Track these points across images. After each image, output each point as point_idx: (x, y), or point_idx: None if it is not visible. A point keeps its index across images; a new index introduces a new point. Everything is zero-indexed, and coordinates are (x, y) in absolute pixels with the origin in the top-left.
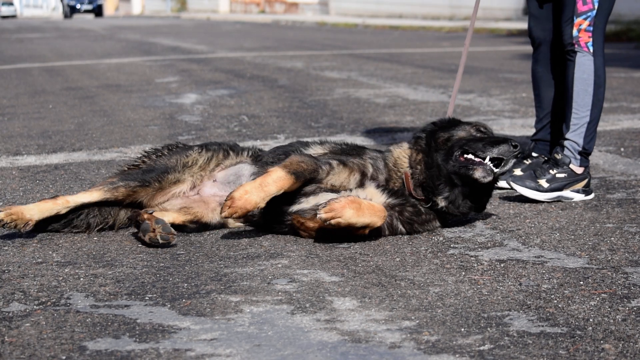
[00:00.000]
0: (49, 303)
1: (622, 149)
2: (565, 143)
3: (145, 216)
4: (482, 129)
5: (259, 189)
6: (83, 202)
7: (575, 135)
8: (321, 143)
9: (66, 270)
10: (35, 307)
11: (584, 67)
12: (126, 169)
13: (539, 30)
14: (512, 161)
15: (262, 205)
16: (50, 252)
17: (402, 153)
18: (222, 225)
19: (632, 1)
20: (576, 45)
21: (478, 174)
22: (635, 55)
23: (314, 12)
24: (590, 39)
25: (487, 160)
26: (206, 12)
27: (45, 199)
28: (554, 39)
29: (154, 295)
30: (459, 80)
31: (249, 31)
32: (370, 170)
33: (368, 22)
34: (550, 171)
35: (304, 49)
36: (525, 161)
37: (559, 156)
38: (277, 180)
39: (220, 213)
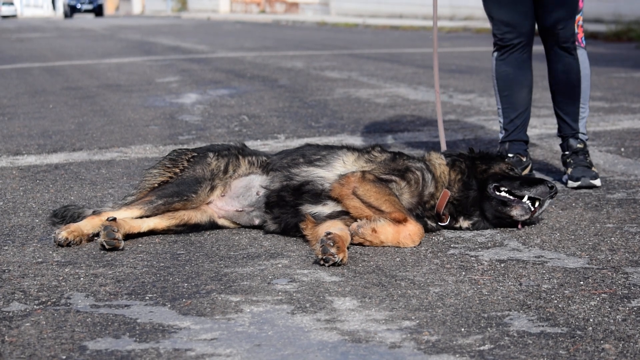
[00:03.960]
0: (49, 303)
1: (622, 149)
2: (580, 136)
3: (104, 223)
4: (515, 169)
5: (395, 244)
6: (125, 218)
7: (582, 127)
8: (350, 150)
9: (66, 270)
10: (35, 306)
11: (585, 64)
12: (156, 185)
13: (513, 36)
14: (548, 201)
15: None
16: (51, 252)
17: (443, 169)
18: (212, 224)
19: (632, 1)
20: (576, 42)
21: (515, 212)
22: (635, 55)
23: (314, 12)
24: (583, 33)
25: (525, 199)
26: (206, 11)
27: (92, 215)
28: (527, 38)
29: (154, 295)
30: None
31: (250, 31)
32: (424, 194)
33: (368, 22)
34: (588, 157)
35: (305, 49)
36: None
37: (581, 145)
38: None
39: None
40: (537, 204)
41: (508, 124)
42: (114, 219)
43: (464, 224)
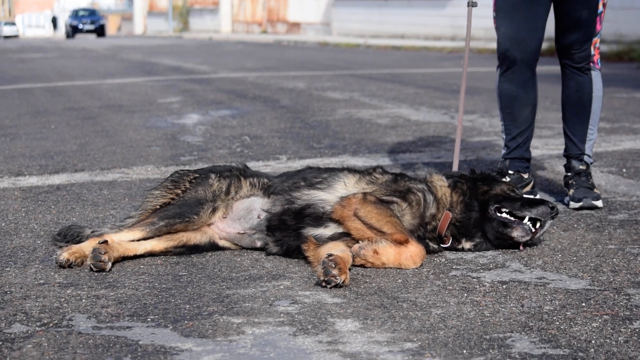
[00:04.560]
0: (51, 324)
1: (624, 170)
2: (585, 158)
3: (95, 245)
4: (516, 190)
5: (397, 266)
6: (127, 241)
7: (588, 149)
8: (351, 172)
9: (68, 291)
10: (37, 328)
11: (598, 85)
12: (158, 207)
13: (517, 52)
14: (550, 222)
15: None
16: (52, 274)
17: (445, 190)
18: (212, 245)
19: (634, 22)
20: (591, 63)
21: (516, 233)
22: (637, 75)
23: (316, 32)
24: (599, 55)
25: (526, 220)
26: (208, 32)
27: (94, 237)
28: (533, 56)
29: (156, 316)
30: (460, 129)
31: (251, 51)
32: (426, 215)
33: (370, 42)
34: (590, 179)
35: (306, 69)
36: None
37: (584, 167)
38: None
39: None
40: (538, 224)
41: (510, 140)
42: (106, 242)
43: (466, 245)
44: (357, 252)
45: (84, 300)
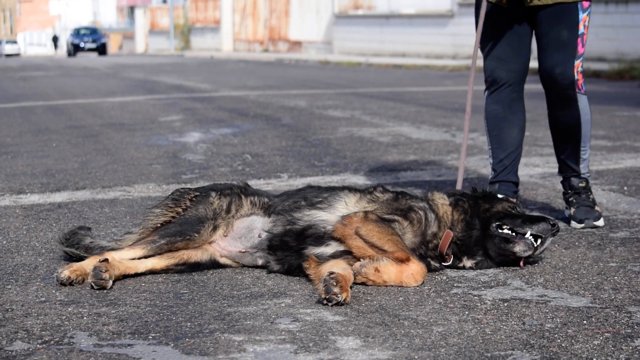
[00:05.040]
0: (52, 342)
1: (625, 188)
2: (583, 176)
3: (96, 264)
4: (517, 207)
5: (398, 284)
6: (127, 259)
7: (583, 168)
8: (352, 190)
9: (69, 309)
10: (38, 346)
11: (585, 109)
12: (159, 225)
13: (503, 72)
14: (550, 239)
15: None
16: (54, 291)
17: (446, 209)
18: (213, 263)
19: (635, 40)
20: (576, 88)
21: (519, 248)
22: (638, 94)
23: (317, 51)
24: (583, 79)
25: (527, 235)
26: (210, 50)
27: (95, 255)
28: (519, 77)
29: (157, 334)
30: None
31: (253, 70)
32: (427, 233)
33: (371, 60)
34: (591, 195)
35: (308, 88)
36: None
37: (583, 184)
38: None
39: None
40: (539, 241)
41: (497, 164)
42: (106, 260)
43: (467, 263)
44: (359, 270)
45: (85, 317)
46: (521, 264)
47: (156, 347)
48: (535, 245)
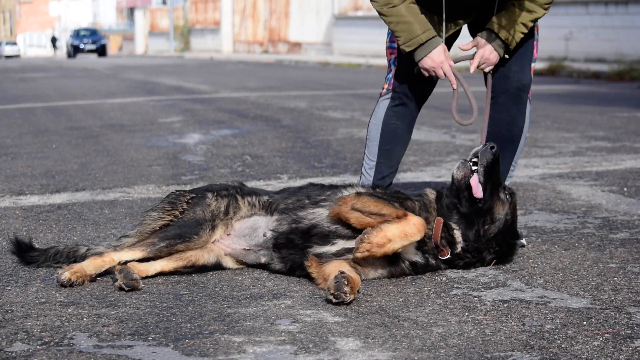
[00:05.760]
0: (52, 343)
1: (625, 189)
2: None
3: (117, 267)
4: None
5: (403, 239)
6: (127, 260)
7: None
8: (354, 188)
9: (69, 310)
10: (38, 347)
11: (528, 120)
12: (157, 228)
13: (417, 91)
14: (489, 156)
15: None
16: (54, 292)
17: (432, 197)
18: (218, 266)
19: (635, 41)
20: (529, 94)
21: (456, 172)
22: (638, 95)
23: (317, 52)
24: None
25: (468, 163)
26: (209, 51)
27: (94, 256)
28: (425, 99)
29: (157, 335)
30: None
31: (253, 71)
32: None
33: (371, 62)
34: None
35: (307, 89)
36: None
37: None
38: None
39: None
40: (476, 159)
41: (380, 180)
42: (125, 263)
43: (458, 238)
44: (362, 237)
45: (85, 319)
46: (473, 186)
47: (156, 348)
48: (469, 163)
